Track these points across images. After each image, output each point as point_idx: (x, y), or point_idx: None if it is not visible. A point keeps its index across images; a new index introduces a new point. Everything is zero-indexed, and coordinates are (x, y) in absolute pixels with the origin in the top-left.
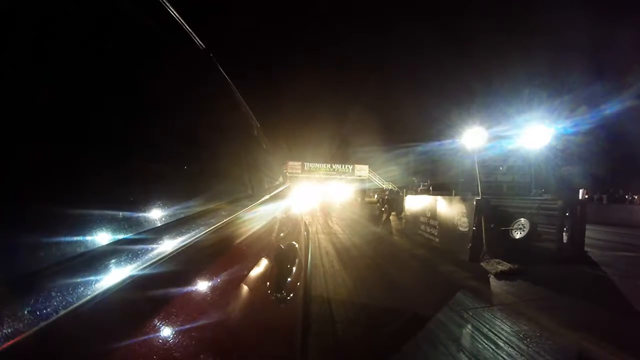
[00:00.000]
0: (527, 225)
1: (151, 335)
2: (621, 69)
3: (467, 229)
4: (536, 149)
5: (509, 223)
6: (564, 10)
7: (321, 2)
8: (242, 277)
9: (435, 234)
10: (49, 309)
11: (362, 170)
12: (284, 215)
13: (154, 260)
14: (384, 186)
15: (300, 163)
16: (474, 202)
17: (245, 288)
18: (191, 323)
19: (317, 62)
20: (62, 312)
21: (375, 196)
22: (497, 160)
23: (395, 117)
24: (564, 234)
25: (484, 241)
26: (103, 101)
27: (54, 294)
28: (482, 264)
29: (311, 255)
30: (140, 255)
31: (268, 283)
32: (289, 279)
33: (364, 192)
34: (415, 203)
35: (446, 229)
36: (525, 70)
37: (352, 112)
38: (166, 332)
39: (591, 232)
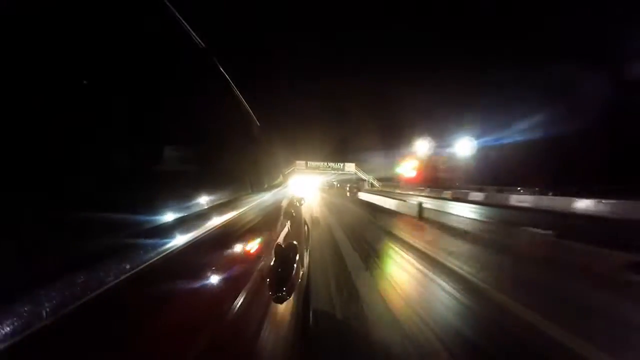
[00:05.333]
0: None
1: (151, 335)
2: (527, 104)
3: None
4: (465, 154)
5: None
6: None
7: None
8: (242, 277)
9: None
10: (48, 309)
11: (350, 167)
12: (284, 214)
13: (152, 260)
14: (365, 178)
15: (304, 162)
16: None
17: (245, 287)
18: (190, 323)
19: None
20: (62, 312)
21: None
22: (438, 161)
23: (372, 131)
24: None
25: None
26: (102, 101)
27: (54, 293)
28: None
29: (311, 212)
30: (139, 255)
31: (268, 283)
32: (289, 279)
33: (350, 182)
34: (362, 188)
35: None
36: (459, 101)
37: (343, 126)
38: (165, 331)
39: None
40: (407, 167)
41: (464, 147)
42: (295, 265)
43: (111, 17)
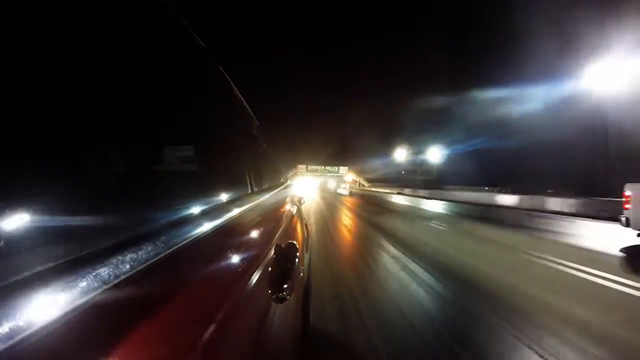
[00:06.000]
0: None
1: (151, 335)
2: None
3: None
4: (436, 161)
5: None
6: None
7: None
8: (242, 277)
9: (343, 192)
10: (48, 309)
11: (344, 169)
12: (284, 214)
13: (153, 260)
14: (356, 179)
15: (305, 165)
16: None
17: (244, 288)
18: (190, 323)
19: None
20: (61, 312)
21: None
22: (414, 165)
23: (366, 138)
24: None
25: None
26: (103, 101)
27: (54, 293)
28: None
29: (311, 200)
30: (139, 255)
31: (268, 283)
32: (289, 279)
33: (338, 182)
34: (340, 186)
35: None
36: (431, 115)
37: (341, 133)
38: (165, 331)
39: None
40: (349, 177)
41: (435, 154)
42: (295, 265)
43: (112, 18)
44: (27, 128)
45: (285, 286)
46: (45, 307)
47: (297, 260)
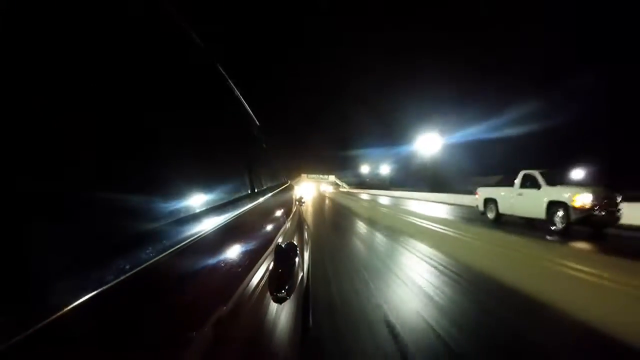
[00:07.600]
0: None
1: (150, 335)
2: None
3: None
4: (386, 172)
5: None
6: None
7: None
8: (242, 277)
9: (330, 191)
10: (49, 309)
11: (332, 177)
12: (284, 214)
13: (152, 261)
14: (339, 183)
15: (306, 174)
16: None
17: (245, 288)
18: (190, 323)
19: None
20: (62, 312)
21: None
22: (373, 174)
23: (350, 156)
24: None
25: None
26: (101, 101)
27: (54, 293)
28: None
29: (309, 195)
30: (139, 256)
31: (268, 283)
32: (289, 279)
33: (330, 185)
34: (328, 184)
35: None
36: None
37: (333, 151)
38: (165, 331)
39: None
40: (335, 181)
41: (385, 169)
42: (295, 265)
43: (110, 17)
44: (22, 128)
45: (285, 286)
46: (44, 307)
47: (297, 260)
